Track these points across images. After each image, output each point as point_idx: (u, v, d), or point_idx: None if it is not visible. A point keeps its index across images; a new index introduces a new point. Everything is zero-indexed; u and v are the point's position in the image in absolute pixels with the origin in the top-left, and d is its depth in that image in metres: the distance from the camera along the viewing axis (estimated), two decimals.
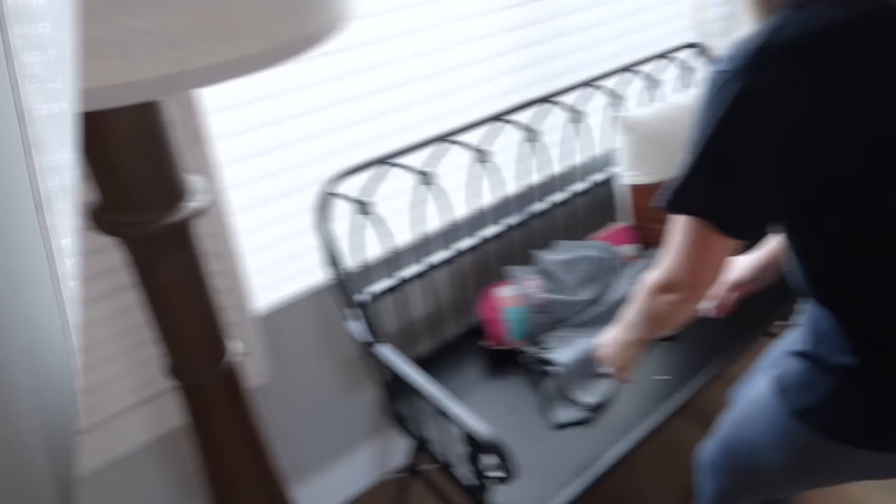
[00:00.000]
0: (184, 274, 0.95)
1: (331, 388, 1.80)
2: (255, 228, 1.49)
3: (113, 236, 0.88)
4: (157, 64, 0.58)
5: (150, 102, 0.79)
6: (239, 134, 1.37)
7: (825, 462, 1.14)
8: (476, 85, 1.73)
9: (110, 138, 0.79)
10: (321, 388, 1.78)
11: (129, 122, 0.79)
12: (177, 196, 0.88)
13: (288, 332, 1.62)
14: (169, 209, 0.88)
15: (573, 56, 1.93)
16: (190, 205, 0.90)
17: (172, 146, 0.85)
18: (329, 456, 1.92)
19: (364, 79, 1.50)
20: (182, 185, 0.89)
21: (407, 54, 1.54)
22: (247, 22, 0.63)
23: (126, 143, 0.80)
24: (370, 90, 1.52)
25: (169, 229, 0.87)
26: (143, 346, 1.38)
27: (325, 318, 1.68)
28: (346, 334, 1.75)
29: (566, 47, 1.90)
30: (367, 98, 1.53)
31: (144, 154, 0.82)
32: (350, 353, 1.79)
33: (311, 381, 1.74)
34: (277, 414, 1.71)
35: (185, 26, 0.59)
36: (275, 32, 0.65)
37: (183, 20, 0.58)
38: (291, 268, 1.60)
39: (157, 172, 0.84)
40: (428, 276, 1.69)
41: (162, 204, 0.87)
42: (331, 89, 1.46)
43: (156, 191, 0.86)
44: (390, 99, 1.57)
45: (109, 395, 1.38)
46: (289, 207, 1.53)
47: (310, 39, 0.70)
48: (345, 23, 0.77)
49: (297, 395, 1.73)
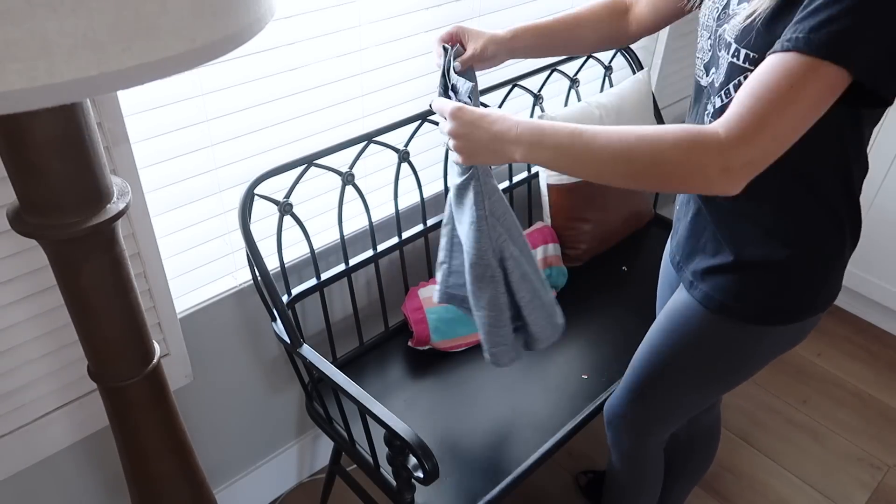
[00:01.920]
0: (106, 276, 0.94)
1: (254, 390, 1.79)
2: (176, 230, 1.48)
3: (34, 238, 0.87)
4: (78, 66, 0.58)
5: (71, 104, 0.78)
6: (159, 136, 1.36)
7: (763, 347, 1.24)
8: (398, 85, 1.75)
9: (31, 141, 0.78)
10: (244, 390, 1.77)
11: (50, 125, 0.78)
12: (99, 198, 0.87)
13: (210, 333, 1.61)
14: (91, 211, 0.87)
15: None
16: (112, 207, 0.89)
17: (94, 148, 0.84)
18: (252, 457, 1.91)
19: (286, 79, 1.50)
20: (104, 187, 0.88)
21: (329, 55, 1.55)
22: (168, 23, 0.63)
23: (47, 145, 0.79)
24: (292, 91, 1.52)
25: (91, 231, 0.87)
26: (66, 347, 1.36)
27: (247, 320, 1.67)
28: (269, 335, 1.74)
29: None
30: (289, 99, 1.53)
31: (66, 156, 0.81)
32: (273, 354, 1.78)
33: (234, 383, 1.73)
34: (200, 416, 1.70)
35: (106, 28, 0.59)
36: (196, 33, 0.66)
37: (104, 22, 0.58)
38: (213, 269, 1.59)
39: (79, 175, 0.83)
40: (351, 276, 1.69)
41: (84, 206, 0.86)
42: (252, 90, 1.46)
43: (78, 193, 0.85)
44: (312, 100, 1.57)
45: (32, 397, 1.36)
46: (211, 209, 1.51)
47: (231, 40, 0.70)
48: (266, 24, 0.77)
49: (220, 397, 1.72)
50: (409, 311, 1.76)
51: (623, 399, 1.47)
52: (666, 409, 1.42)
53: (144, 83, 0.64)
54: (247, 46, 1.38)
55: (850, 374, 2.51)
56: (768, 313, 1.18)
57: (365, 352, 1.79)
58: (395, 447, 1.31)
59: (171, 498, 1.24)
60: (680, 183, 0.94)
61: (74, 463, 1.51)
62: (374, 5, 1.58)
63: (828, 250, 1.13)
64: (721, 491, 2.09)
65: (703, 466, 1.72)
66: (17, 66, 0.55)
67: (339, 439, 1.57)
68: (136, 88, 0.97)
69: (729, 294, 1.18)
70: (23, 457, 1.40)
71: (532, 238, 1.96)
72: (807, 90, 0.88)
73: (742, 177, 0.91)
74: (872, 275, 2.60)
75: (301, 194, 1.63)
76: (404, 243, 1.78)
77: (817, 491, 2.10)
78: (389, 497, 1.46)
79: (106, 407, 1.11)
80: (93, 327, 0.99)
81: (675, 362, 1.32)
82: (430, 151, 1.91)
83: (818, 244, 1.12)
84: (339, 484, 1.92)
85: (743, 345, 1.24)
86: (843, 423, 2.32)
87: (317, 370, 1.41)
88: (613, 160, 0.97)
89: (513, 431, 1.57)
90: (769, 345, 1.25)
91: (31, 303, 1.27)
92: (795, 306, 1.18)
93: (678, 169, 0.93)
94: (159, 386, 1.12)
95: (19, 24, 0.55)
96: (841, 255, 1.15)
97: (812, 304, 1.18)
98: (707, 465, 1.73)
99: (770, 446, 2.24)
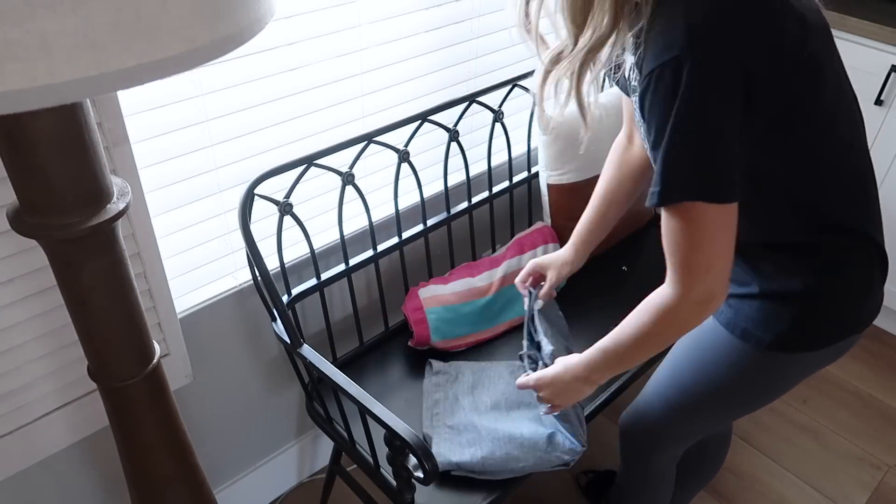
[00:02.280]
0: (106, 276, 0.94)
1: (254, 390, 1.79)
2: (176, 230, 1.48)
3: (34, 238, 0.87)
4: (78, 66, 0.58)
5: (71, 104, 0.78)
6: (159, 136, 1.36)
7: (789, 372, 1.24)
8: (398, 85, 1.75)
9: (31, 141, 0.78)
10: (244, 390, 1.77)
11: (50, 125, 0.78)
12: (99, 198, 0.87)
13: (210, 333, 1.61)
14: (91, 211, 0.87)
15: (497, 55, 1.97)
16: (112, 207, 0.89)
17: (94, 148, 0.84)
18: (252, 457, 1.91)
19: (286, 79, 1.50)
20: (104, 187, 0.88)
21: (329, 55, 1.55)
22: (168, 23, 0.63)
23: (47, 145, 0.79)
24: (292, 91, 1.52)
25: (91, 231, 0.86)
26: (66, 347, 1.36)
27: (248, 320, 1.67)
28: (269, 335, 1.74)
29: (488, 46, 1.93)
30: (289, 99, 1.53)
31: (66, 156, 0.81)
32: (273, 354, 1.78)
33: (234, 383, 1.73)
34: (200, 416, 1.70)
35: (106, 28, 0.59)
36: (196, 33, 0.66)
37: (104, 22, 0.58)
38: (213, 269, 1.59)
39: (79, 175, 0.83)
40: (351, 276, 1.69)
41: (84, 206, 0.86)
42: (252, 90, 1.46)
43: (78, 193, 0.85)
44: (312, 100, 1.57)
45: (32, 397, 1.36)
46: (211, 209, 1.51)
47: (231, 40, 0.70)
48: (266, 24, 0.77)
49: (220, 397, 1.72)
50: (409, 311, 1.76)
51: (640, 415, 1.47)
52: (684, 429, 1.42)
53: (144, 83, 0.64)
54: (247, 46, 1.38)
55: (850, 374, 2.51)
56: (789, 341, 1.17)
57: (365, 352, 1.79)
58: (396, 447, 1.31)
59: (171, 498, 1.24)
60: (683, 331, 1.13)
61: (74, 463, 1.51)
62: (374, 5, 1.58)
63: (843, 281, 1.14)
64: (721, 491, 2.09)
65: (712, 472, 1.73)
66: (17, 66, 0.55)
67: (339, 439, 1.57)
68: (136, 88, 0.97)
69: (751, 321, 1.18)
70: (23, 457, 1.40)
71: (532, 238, 1.96)
72: (700, 226, 0.99)
73: (715, 295, 1.04)
74: None
75: (301, 194, 1.63)
76: (404, 243, 1.78)
77: (817, 491, 2.10)
78: (389, 497, 1.46)
79: (106, 407, 1.11)
80: (93, 327, 0.99)
81: (697, 387, 1.32)
82: (430, 151, 1.91)
83: (828, 276, 1.13)
84: (339, 484, 1.91)
85: (766, 371, 1.23)
86: (843, 423, 2.32)
87: (317, 370, 1.41)
88: (639, 356, 1.18)
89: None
90: (799, 369, 1.25)
91: (31, 303, 1.27)
92: (815, 334, 1.17)
93: (673, 332, 1.13)
94: (159, 386, 1.11)
95: (19, 24, 0.54)
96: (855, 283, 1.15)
97: (832, 331, 1.18)
98: (715, 472, 1.73)
99: (770, 446, 2.24)
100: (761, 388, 1.27)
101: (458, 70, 1.87)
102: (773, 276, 1.15)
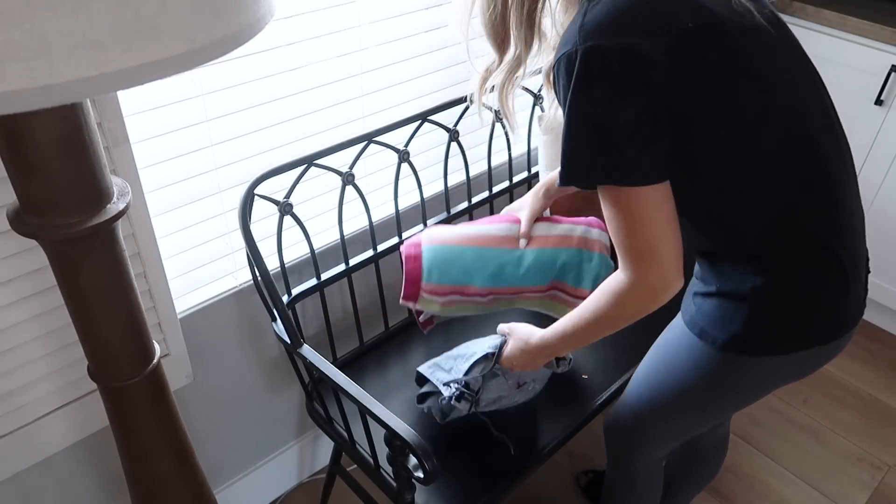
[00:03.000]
0: (106, 276, 0.94)
1: (254, 390, 1.79)
2: (176, 230, 1.48)
3: (34, 238, 0.87)
4: (78, 66, 0.58)
5: (71, 104, 0.78)
6: (159, 136, 1.36)
7: (750, 377, 1.22)
8: (398, 85, 1.75)
9: (31, 141, 0.78)
10: (244, 390, 1.77)
11: (50, 125, 0.78)
12: (99, 198, 0.87)
13: (210, 333, 1.61)
14: (91, 211, 0.87)
15: None
16: (112, 207, 0.89)
17: (94, 148, 0.84)
18: (252, 457, 1.91)
19: (286, 80, 1.50)
20: (104, 188, 0.88)
21: (329, 55, 1.55)
22: (168, 23, 0.63)
23: (47, 145, 0.79)
24: (292, 91, 1.52)
25: (91, 231, 0.87)
26: (66, 347, 1.36)
27: (247, 320, 1.67)
28: (269, 335, 1.74)
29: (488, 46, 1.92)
30: (289, 99, 1.53)
31: (66, 156, 0.81)
32: (273, 354, 1.78)
33: (234, 383, 1.73)
34: (200, 416, 1.70)
35: (106, 28, 0.59)
36: (196, 33, 0.66)
37: (104, 22, 0.58)
38: (213, 269, 1.59)
39: (79, 175, 0.83)
40: (351, 276, 1.69)
41: (84, 206, 0.86)
42: (252, 90, 1.46)
43: (78, 193, 0.85)
44: (312, 100, 1.58)
45: (32, 397, 1.36)
46: (211, 209, 1.51)
47: (231, 40, 0.70)
48: (266, 24, 0.77)
49: (220, 397, 1.72)
50: (404, 246, 1.61)
51: (618, 414, 1.47)
52: (660, 430, 1.41)
53: (144, 83, 0.64)
54: (247, 46, 1.38)
55: (850, 374, 2.51)
56: (742, 342, 1.15)
57: (365, 352, 1.79)
58: (396, 447, 1.31)
59: (171, 498, 1.24)
60: (641, 314, 1.14)
61: (74, 463, 1.51)
62: (374, 5, 1.58)
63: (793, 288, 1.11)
64: (721, 491, 2.09)
65: (708, 476, 1.72)
66: (17, 66, 0.55)
67: (340, 439, 1.57)
68: (136, 88, 0.97)
69: (709, 319, 1.17)
70: (23, 457, 1.40)
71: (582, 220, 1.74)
72: (630, 209, 1.04)
73: (667, 282, 1.07)
74: (872, 275, 2.60)
75: (301, 194, 1.63)
76: None
77: (817, 491, 2.10)
78: (389, 497, 1.46)
79: (106, 407, 1.11)
80: (93, 327, 0.99)
81: (665, 386, 1.31)
82: (430, 151, 1.91)
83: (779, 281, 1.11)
84: (340, 484, 1.91)
85: (727, 374, 1.21)
86: (843, 423, 2.32)
87: (317, 370, 1.41)
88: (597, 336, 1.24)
89: (513, 431, 1.56)
90: (761, 376, 1.22)
91: (31, 303, 1.27)
92: (769, 339, 1.15)
93: (630, 315, 1.15)
94: (159, 386, 1.12)
95: (19, 24, 0.54)
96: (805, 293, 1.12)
97: (786, 338, 1.15)
98: (711, 477, 1.72)
99: (770, 446, 2.24)
100: (726, 391, 1.25)
101: (459, 70, 1.87)
102: (731, 275, 1.14)
